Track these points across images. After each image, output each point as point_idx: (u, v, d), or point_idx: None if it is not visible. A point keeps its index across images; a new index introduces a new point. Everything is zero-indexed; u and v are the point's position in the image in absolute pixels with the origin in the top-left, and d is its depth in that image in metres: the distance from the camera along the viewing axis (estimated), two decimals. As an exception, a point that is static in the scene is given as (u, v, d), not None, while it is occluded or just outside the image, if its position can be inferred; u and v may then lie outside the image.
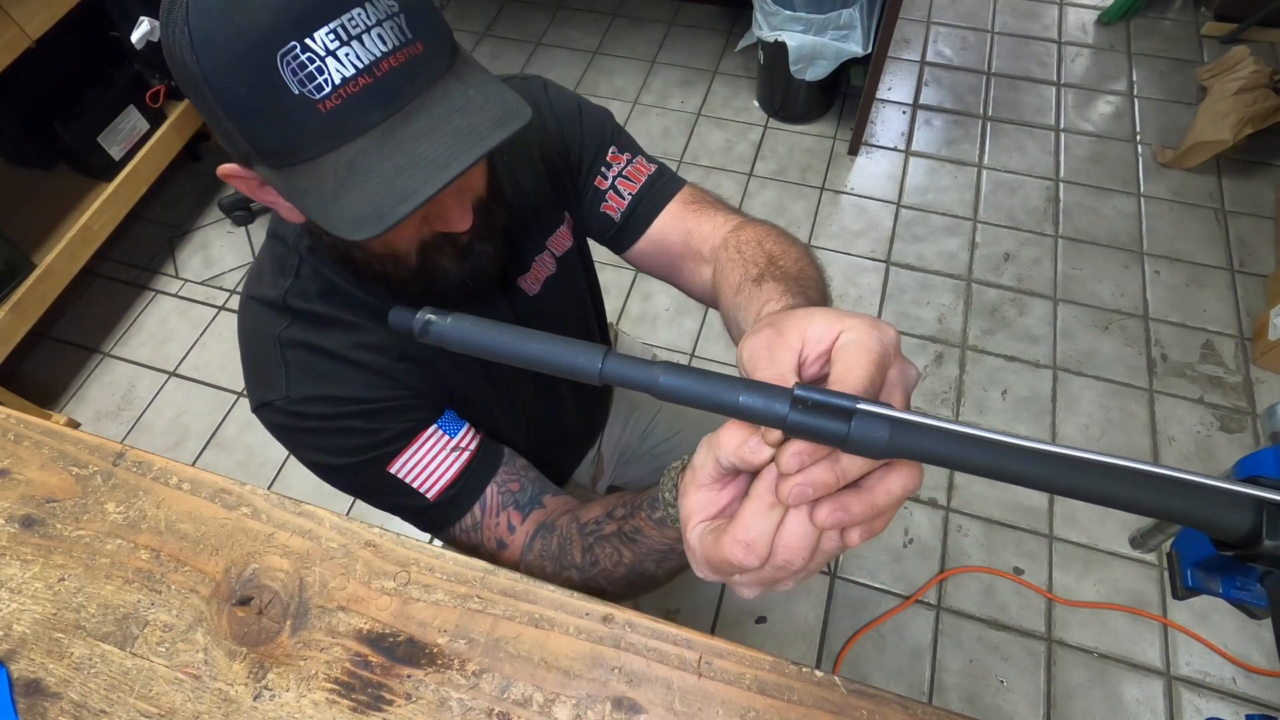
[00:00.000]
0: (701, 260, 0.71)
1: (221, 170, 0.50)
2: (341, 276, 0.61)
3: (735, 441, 0.35)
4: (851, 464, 0.32)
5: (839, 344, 0.34)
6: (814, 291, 0.58)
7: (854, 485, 0.33)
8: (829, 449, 0.32)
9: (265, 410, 0.61)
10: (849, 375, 0.33)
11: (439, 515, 0.65)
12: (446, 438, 0.64)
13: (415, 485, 0.63)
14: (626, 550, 0.57)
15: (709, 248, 0.70)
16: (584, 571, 0.60)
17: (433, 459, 0.63)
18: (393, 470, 0.62)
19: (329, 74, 0.41)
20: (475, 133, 0.44)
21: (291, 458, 0.80)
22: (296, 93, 0.41)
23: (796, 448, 0.32)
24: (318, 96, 0.41)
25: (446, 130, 0.44)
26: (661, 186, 0.74)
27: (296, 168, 0.44)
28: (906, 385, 0.35)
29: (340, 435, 0.61)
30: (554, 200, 0.73)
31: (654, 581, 0.60)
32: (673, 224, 0.73)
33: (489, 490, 0.66)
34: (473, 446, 0.65)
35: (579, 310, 0.84)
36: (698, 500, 0.38)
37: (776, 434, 0.33)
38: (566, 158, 0.72)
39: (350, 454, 0.61)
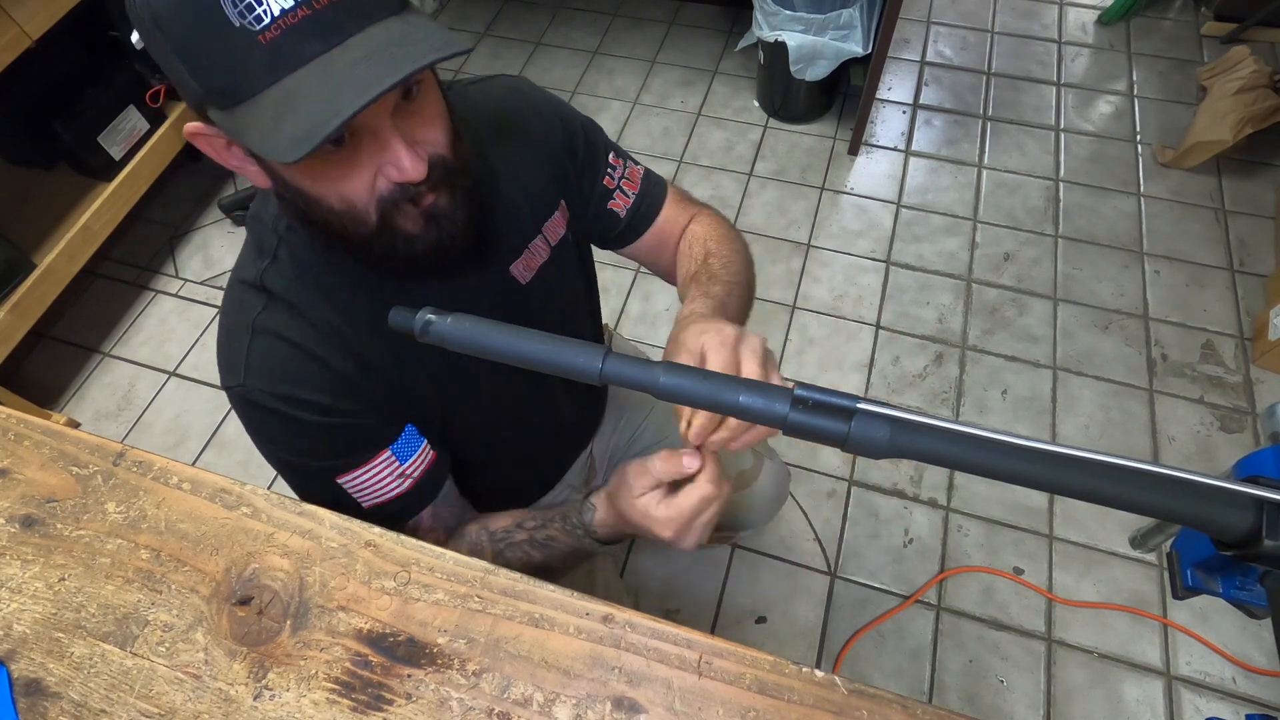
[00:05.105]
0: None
1: (187, 130, 0.52)
2: (314, 255, 0.61)
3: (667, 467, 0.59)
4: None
5: (703, 343, 0.54)
6: (719, 287, 0.72)
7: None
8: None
9: (230, 392, 0.62)
10: (713, 353, 0.53)
11: (369, 518, 0.67)
12: (397, 463, 0.66)
13: (356, 497, 0.66)
14: (537, 553, 0.70)
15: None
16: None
17: (379, 481, 0.66)
18: (340, 482, 0.64)
19: (268, 5, 0.42)
20: (411, 57, 0.44)
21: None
22: (237, 25, 0.42)
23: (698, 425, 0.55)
24: (257, 28, 0.42)
25: (382, 56, 0.45)
26: (655, 187, 0.82)
27: (242, 106, 0.45)
28: (755, 349, 0.53)
29: (295, 437, 0.62)
30: (550, 186, 0.74)
31: (555, 575, 0.73)
32: (670, 219, 0.83)
33: (425, 513, 0.70)
34: (417, 474, 0.68)
35: (571, 302, 0.84)
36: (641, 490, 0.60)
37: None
38: (571, 145, 0.75)
39: (303, 455, 0.63)
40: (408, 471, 0.67)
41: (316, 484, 0.65)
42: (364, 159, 0.50)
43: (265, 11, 0.42)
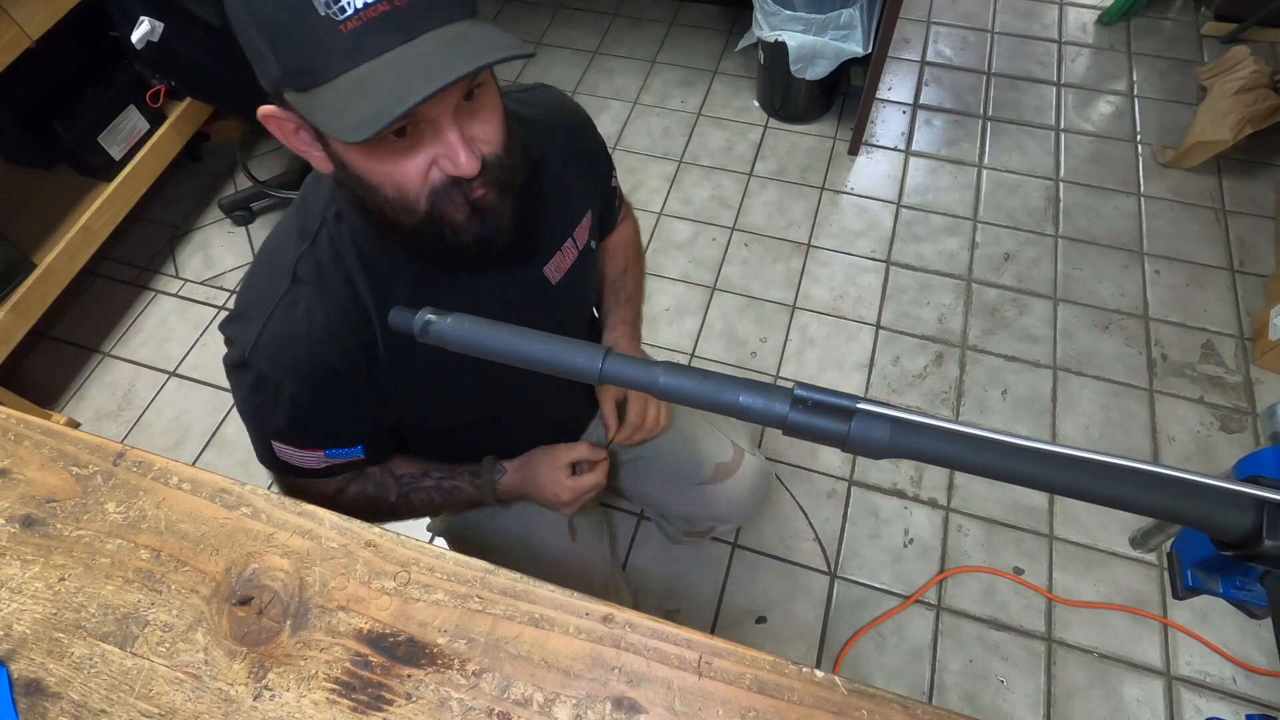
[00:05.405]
0: None
1: (261, 112, 0.55)
2: (360, 244, 0.63)
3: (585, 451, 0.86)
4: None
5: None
6: (632, 310, 0.97)
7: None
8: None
9: (228, 341, 0.66)
10: (633, 401, 0.92)
11: (280, 467, 0.73)
12: (326, 457, 0.72)
13: (278, 453, 0.71)
14: (439, 497, 0.84)
15: None
16: (394, 508, 0.82)
17: (304, 459, 0.72)
18: (273, 442, 0.70)
19: None
20: (479, 54, 0.47)
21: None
22: (322, 14, 0.45)
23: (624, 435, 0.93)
24: (340, 18, 0.46)
25: (452, 51, 0.48)
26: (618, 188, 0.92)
27: (318, 88, 0.48)
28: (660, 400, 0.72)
29: (264, 409, 0.67)
30: (584, 194, 0.79)
31: (442, 514, 0.94)
32: (622, 215, 0.95)
33: (337, 478, 0.77)
34: (338, 463, 0.73)
35: (585, 305, 0.90)
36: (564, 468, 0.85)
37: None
38: (601, 155, 0.83)
39: (262, 418, 0.69)
40: (332, 462, 0.73)
41: (257, 432, 0.71)
42: (422, 150, 0.53)
43: (349, 4, 0.45)
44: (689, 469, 1.03)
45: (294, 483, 0.76)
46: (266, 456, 0.72)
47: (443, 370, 0.71)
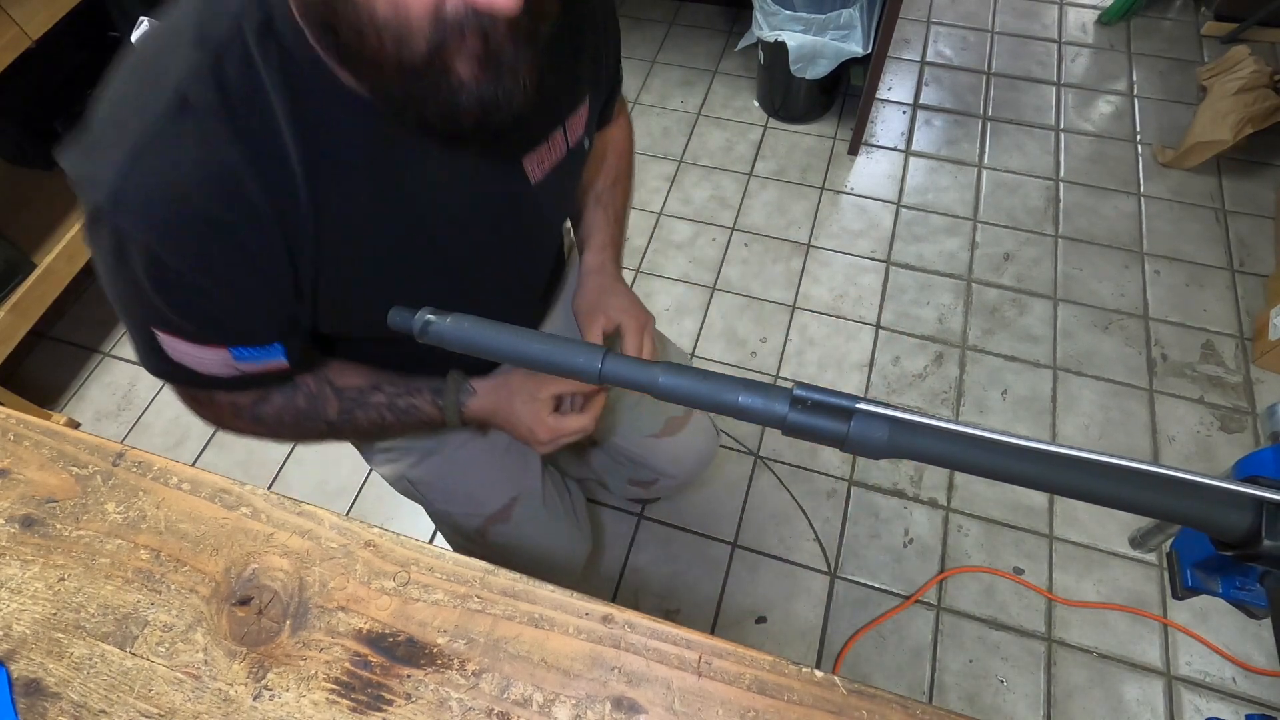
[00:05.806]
0: None
1: None
2: (290, 79, 0.45)
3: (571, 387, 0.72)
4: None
5: (622, 321, 0.76)
6: (619, 231, 0.84)
7: None
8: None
9: (75, 182, 0.46)
10: (629, 335, 0.75)
11: (173, 373, 0.57)
12: (230, 358, 0.55)
13: (164, 348, 0.54)
14: (391, 416, 0.68)
15: None
16: (333, 426, 0.67)
17: (199, 358, 0.54)
18: (155, 331, 0.53)
19: None
20: None
21: (292, 458, 0.79)
22: None
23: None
24: None
25: None
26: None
27: None
28: (652, 334, 0.79)
29: (134, 283, 0.49)
30: (585, 75, 0.64)
31: (392, 436, 0.79)
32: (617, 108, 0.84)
33: (246, 393, 0.61)
34: (250, 372, 0.57)
35: (560, 220, 0.77)
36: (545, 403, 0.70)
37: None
38: (610, 27, 0.67)
39: (129, 296, 0.50)
40: (241, 368, 0.56)
41: (132, 319, 0.54)
42: None
43: None
44: (642, 421, 0.99)
45: (197, 395, 0.61)
46: (151, 356, 0.55)
47: (390, 252, 0.54)
